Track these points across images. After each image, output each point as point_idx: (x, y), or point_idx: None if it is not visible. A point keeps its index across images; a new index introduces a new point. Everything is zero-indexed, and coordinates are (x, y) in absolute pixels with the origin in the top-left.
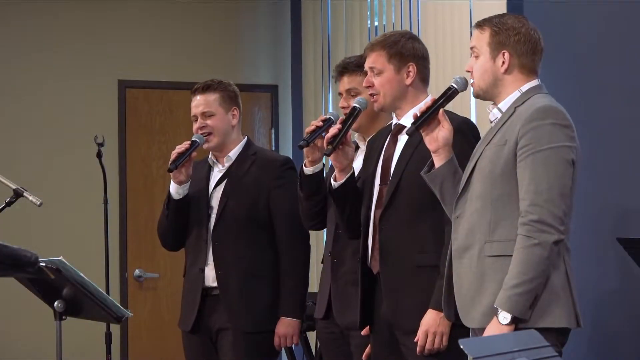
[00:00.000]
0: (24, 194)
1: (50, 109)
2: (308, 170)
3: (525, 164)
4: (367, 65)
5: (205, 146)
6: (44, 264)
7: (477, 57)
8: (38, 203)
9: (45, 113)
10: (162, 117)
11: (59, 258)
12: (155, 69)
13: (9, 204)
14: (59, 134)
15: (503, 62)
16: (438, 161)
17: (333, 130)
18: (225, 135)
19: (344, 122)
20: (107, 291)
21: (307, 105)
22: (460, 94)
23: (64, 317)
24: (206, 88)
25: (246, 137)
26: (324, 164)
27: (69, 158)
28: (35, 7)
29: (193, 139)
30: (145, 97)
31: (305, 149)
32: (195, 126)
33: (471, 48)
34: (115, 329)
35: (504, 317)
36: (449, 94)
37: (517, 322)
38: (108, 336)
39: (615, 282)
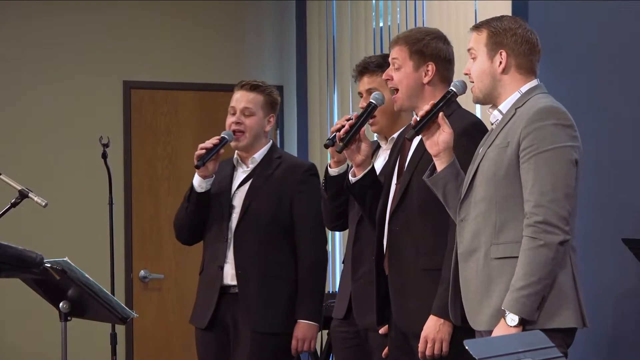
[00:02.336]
0: (29, 194)
1: (56, 110)
2: (333, 171)
3: (528, 165)
4: (390, 58)
5: (233, 144)
6: (49, 265)
7: (474, 58)
8: (43, 204)
9: (51, 114)
10: (167, 118)
11: (64, 259)
12: (161, 70)
13: (14, 205)
14: (64, 134)
15: (500, 62)
16: (440, 165)
17: (345, 126)
18: (255, 138)
19: (357, 118)
20: (112, 292)
21: (313, 106)
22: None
23: (69, 317)
24: (254, 87)
25: (271, 141)
26: (348, 165)
27: (74, 159)
28: (40, 7)
29: (222, 135)
30: (150, 97)
31: (330, 149)
32: (229, 120)
33: (468, 50)
34: (120, 329)
35: (512, 319)
36: (448, 98)
37: (524, 324)
38: (113, 337)
39: (621, 283)
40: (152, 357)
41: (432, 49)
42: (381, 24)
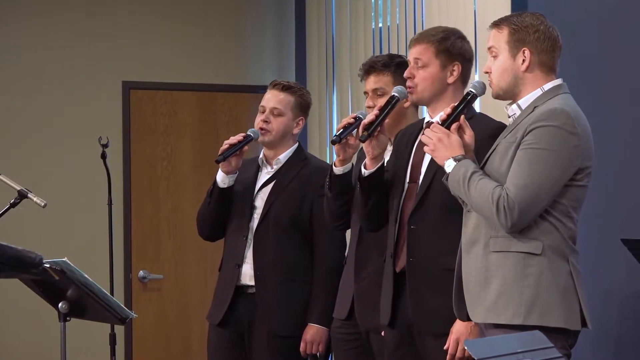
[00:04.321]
0: (29, 195)
1: (55, 110)
2: (338, 170)
3: (518, 156)
4: (411, 56)
5: (259, 139)
6: (48, 265)
7: (495, 57)
8: (42, 204)
9: (50, 114)
10: (167, 118)
11: (64, 259)
12: (160, 70)
13: (13, 205)
14: (63, 135)
15: (524, 60)
16: None
17: (370, 117)
18: (281, 138)
19: (381, 110)
20: (112, 292)
21: (312, 107)
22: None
23: (68, 318)
24: (286, 88)
25: (298, 143)
26: (353, 164)
27: (74, 159)
28: (39, 7)
29: (248, 132)
30: (150, 98)
31: (336, 147)
32: (258, 118)
33: (489, 48)
34: (119, 330)
35: (450, 165)
36: (468, 99)
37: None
38: (112, 337)
39: (620, 283)
40: (151, 358)
41: (458, 49)
42: (380, 24)
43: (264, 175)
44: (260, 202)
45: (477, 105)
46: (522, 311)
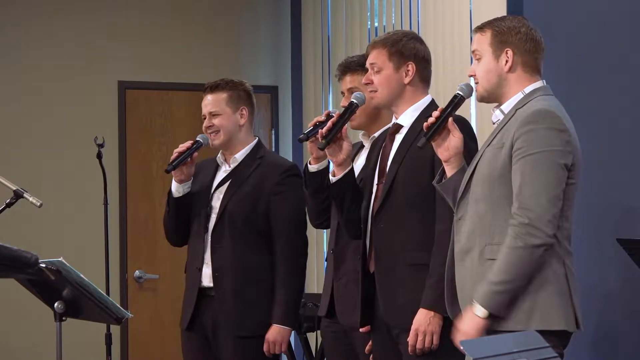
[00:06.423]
0: (24, 195)
1: (51, 110)
2: (313, 167)
3: (517, 167)
4: (368, 63)
5: (211, 144)
6: (44, 265)
7: (479, 59)
8: (38, 204)
9: (46, 114)
10: (162, 118)
11: (59, 259)
12: (155, 70)
13: (9, 205)
14: (59, 135)
15: (507, 61)
16: (450, 170)
17: (328, 124)
18: (231, 135)
19: (339, 117)
20: (107, 292)
21: (307, 106)
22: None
23: (64, 318)
24: (215, 87)
25: (257, 139)
26: (329, 162)
27: (69, 159)
28: (35, 7)
29: (197, 138)
30: (145, 98)
31: (309, 146)
32: (204, 125)
33: (473, 52)
34: (115, 330)
35: (481, 311)
36: (456, 102)
37: (491, 317)
38: (108, 337)
39: (616, 283)
40: (147, 358)
41: (410, 49)
42: (376, 24)
43: (221, 173)
44: (216, 201)
45: (472, 108)
46: (523, 317)
